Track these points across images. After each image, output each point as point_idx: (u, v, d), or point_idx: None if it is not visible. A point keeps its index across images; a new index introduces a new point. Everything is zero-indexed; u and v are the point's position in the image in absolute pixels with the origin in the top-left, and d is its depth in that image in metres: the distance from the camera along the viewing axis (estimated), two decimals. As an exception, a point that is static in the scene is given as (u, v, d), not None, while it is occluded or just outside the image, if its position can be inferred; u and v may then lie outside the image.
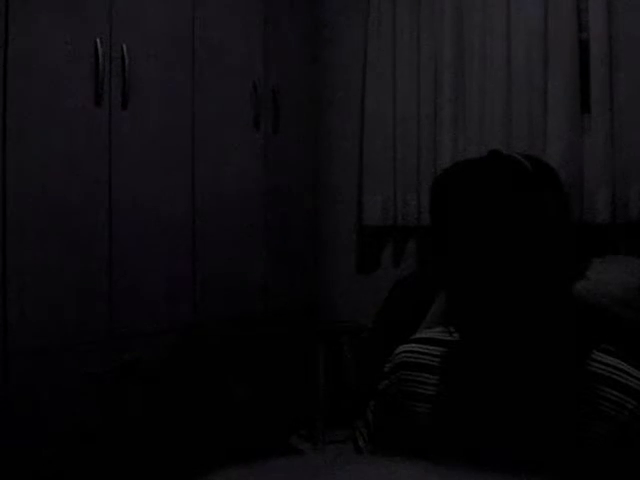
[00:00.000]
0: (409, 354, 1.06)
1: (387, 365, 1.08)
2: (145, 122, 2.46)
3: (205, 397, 2.48)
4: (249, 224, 2.86)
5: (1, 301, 2.06)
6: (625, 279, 1.54)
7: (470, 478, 0.38)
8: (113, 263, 2.36)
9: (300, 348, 2.92)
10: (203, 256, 2.66)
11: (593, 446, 0.86)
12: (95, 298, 2.31)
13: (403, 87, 3.03)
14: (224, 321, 2.69)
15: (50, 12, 2.17)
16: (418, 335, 1.09)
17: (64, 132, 2.22)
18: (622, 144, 2.49)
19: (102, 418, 2.26)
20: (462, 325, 0.93)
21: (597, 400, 0.87)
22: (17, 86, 2.09)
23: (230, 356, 2.65)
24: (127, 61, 2.36)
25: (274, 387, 2.85)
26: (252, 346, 2.78)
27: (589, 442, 0.86)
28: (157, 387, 2.38)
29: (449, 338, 1.00)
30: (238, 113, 2.82)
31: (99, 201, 2.33)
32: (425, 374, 1.02)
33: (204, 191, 2.67)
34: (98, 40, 2.27)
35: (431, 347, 1.04)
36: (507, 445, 0.90)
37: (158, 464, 2.24)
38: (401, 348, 1.08)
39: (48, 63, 2.17)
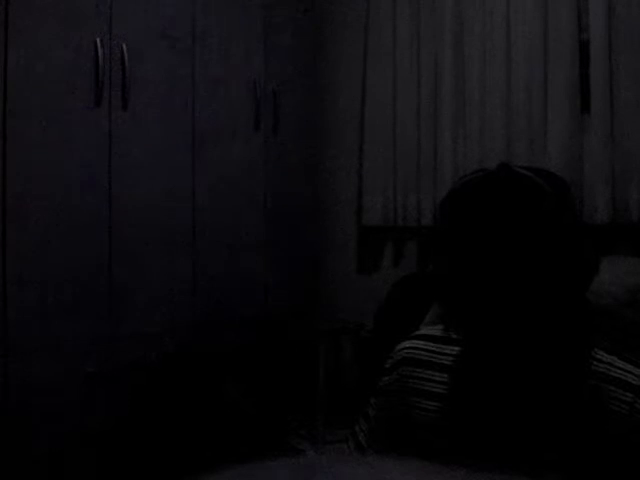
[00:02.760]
0: (412, 350, 1.05)
1: (388, 361, 1.08)
2: (145, 122, 2.46)
3: (203, 398, 2.48)
4: (249, 224, 2.86)
5: (1, 301, 2.06)
6: (625, 279, 1.54)
7: (468, 477, 0.38)
8: (113, 263, 2.36)
9: (300, 348, 2.92)
10: (203, 256, 2.66)
11: (607, 447, 0.86)
12: (95, 298, 2.31)
13: (403, 88, 3.03)
14: (224, 322, 2.69)
15: (50, 12, 2.17)
16: (420, 332, 1.09)
17: (64, 132, 2.23)
18: (622, 144, 2.48)
19: (102, 418, 2.26)
20: (471, 329, 0.93)
21: (609, 400, 0.88)
22: (17, 86, 2.09)
23: (229, 358, 2.65)
24: (127, 61, 2.36)
25: (274, 387, 2.85)
26: (252, 347, 2.78)
27: (603, 443, 0.86)
28: (156, 387, 2.38)
29: (455, 336, 1.00)
30: (238, 113, 2.82)
31: (99, 201, 2.33)
32: (433, 371, 1.01)
33: (204, 191, 2.67)
34: (98, 40, 2.27)
35: (436, 344, 1.04)
36: (518, 446, 0.90)
37: (157, 464, 2.24)
38: (403, 344, 1.07)
39: (48, 63, 2.17)
